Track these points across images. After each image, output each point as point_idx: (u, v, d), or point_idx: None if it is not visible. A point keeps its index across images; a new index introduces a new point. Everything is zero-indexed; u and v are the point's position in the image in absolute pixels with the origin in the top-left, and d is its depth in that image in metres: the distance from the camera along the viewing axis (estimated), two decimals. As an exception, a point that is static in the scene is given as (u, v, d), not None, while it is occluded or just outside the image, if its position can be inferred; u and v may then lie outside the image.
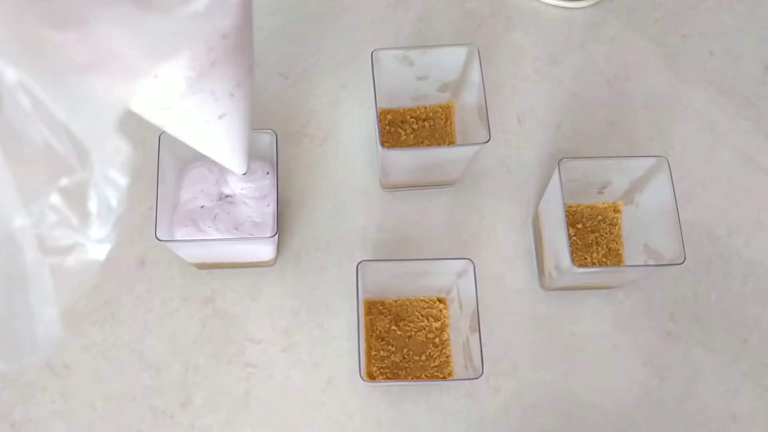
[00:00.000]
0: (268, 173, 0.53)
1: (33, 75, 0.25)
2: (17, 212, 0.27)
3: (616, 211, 0.60)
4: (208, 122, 0.40)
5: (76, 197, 0.28)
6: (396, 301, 0.57)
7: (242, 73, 0.39)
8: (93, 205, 0.28)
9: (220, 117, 0.40)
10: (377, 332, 0.56)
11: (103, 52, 0.26)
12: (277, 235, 0.51)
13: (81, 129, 0.26)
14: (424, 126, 0.62)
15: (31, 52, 0.25)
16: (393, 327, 0.56)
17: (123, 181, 0.28)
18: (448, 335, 0.56)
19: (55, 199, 0.27)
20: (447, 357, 0.56)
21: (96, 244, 0.29)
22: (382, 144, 0.57)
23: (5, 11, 0.25)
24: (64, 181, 0.27)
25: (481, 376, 0.48)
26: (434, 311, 0.57)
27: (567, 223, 0.52)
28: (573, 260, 0.51)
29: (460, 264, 0.52)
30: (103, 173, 0.27)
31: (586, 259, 0.59)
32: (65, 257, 0.28)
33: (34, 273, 0.28)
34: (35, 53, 0.25)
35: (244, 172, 0.49)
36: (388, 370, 0.55)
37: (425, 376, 0.55)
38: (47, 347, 0.29)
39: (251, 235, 0.52)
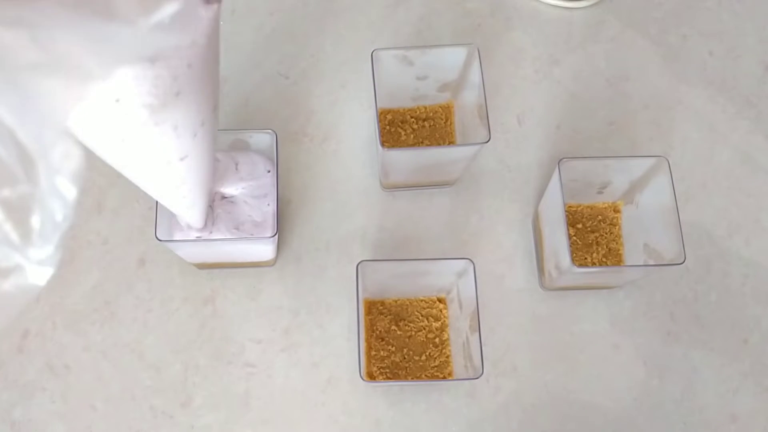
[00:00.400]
0: (269, 171, 0.53)
1: None
2: None
3: (616, 211, 0.60)
4: (169, 162, 0.39)
5: (19, 211, 0.26)
6: (396, 301, 0.57)
7: (207, 112, 0.38)
8: (36, 221, 0.26)
9: (182, 159, 0.39)
10: (377, 332, 0.56)
11: (57, 54, 0.25)
12: (277, 235, 0.51)
13: (29, 133, 0.25)
14: (424, 126, 0.62)
15: None
16: (393, 327, 0.56)
17: (71, 193, 0.26)
18: (448, 335, 0.56)
19: None
20: (447, 357, 0.56)
21: (37, 266, 0.27)
22: (382, 144, 0.57)
23: None
24: (6, 192, 0.26)
25: (481, 376, 0.48)
26: (434, 311, 0.57)
27: (567, 223, 0.52)
28: (573, 260, 0.51)
29: (460, 264, 0.52)
30: (49, 182, 0.26)
31: (586, 259, 0.59)
32: (2, 281, 0.27)
33: None
34: None
35: (201, 225, 0.49)
36: (388, 370, 0.55)
37: (425, 376, 0.55)
38: None
39: (251, 235, 0.52)
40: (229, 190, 0.53)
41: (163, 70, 0.32)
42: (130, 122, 0.34)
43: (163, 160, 0.39)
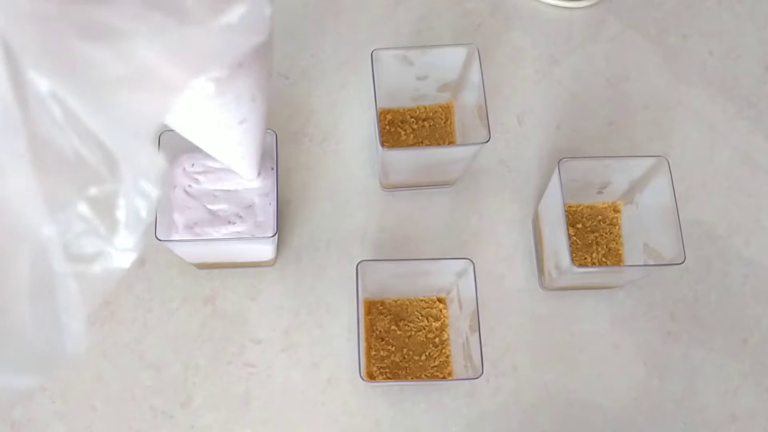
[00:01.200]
0: (272, 169, 0.53)
1: (67, 87, 0.25)
2: (44, 221, 0.27)
3: (616, 211, 0.60)
4: (228, 126, 0.40)
5: (105, 207, 0.28)
6: (396, 301, 0.57)
7: (264, 78, 0.39)
8: (121, 215, 0.28)
9: (240, 122, 0.40)
10: (377, 332, 0.56)
11: (137, 66, 0.26)
12: (277, 235, 0.51)
13: (114, 141, 0.26)
14: (424, 126, 0.62)
15: (66, 64, 0.25)
16: (393, 327, 0.56)
17: (154, 192, 0.28)
18: (448, 335, 0.56)
19: (83, 208, 0.27)
20: (447, 357, 0.56)
21: (121, 252, 0.29)
22: (382, 144, 0.57)
23: (41, 24, 0.25)
24: (93, 191, 0.27)
25: (481, 376, 0.48)
26: (434, 311, 0.57)
27: (567, 223, 0.52)
28: (573, 260, 0.51)
29: (460, 264, 0.52)
30: (134, 184, 0.27)
31: (586, 259, 0.59)
32: (90, 265, 0.28)
33: (61, 284, 0.28)
34: (70, 66, 0.25)
35: (254, 178, 0.50)
36: (388, 370, 0.55)
37: (425, 376, 0.55)
38: (74, 361, 0.29)
39: (251, 235, 0.52)
40: (231, 185, 0.53)
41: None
42: (197, 95, 0.35)
43: (223, 124, 0.40)
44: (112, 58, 0.26)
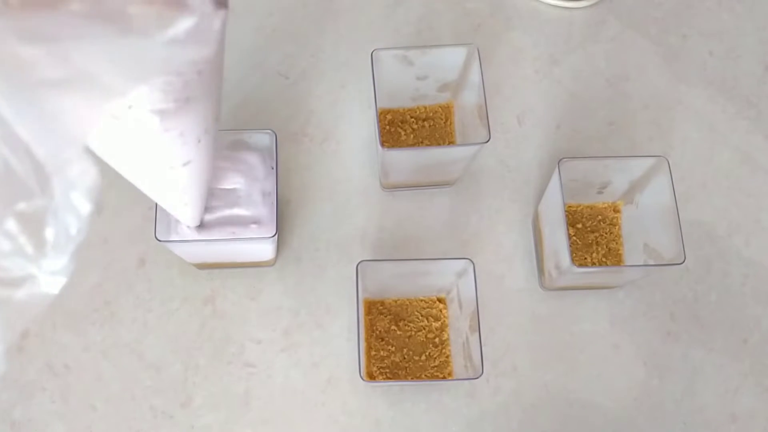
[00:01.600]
0: (272, 168, 0.53)
1: None
2: None
3: (616, 211, 0.60)
4: (172, 167, 0.39)
5: (33, 224, 0.26)
6: (396, 301, 0.57)
7: (211, 119, 0.38)
8: (50, 234, 0.26)
9: (185, 164, 0.39)
10: (377, 332, 0.56)
11: (75, 70, 0.25)
12: (277, 235, 0.51)
13: (45, 149, 0.25)
14: (424, 126, 0.62)
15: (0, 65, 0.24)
16: (393, 327, 0.56)
17: (85, 208, 0.26)
18: (448, 335, 0.56)
19: (11, 225, 0.26)
20: (447, 357, 0.56)
21: (50, 276, 0.27)
22: (382, 144, 0.57)
23: None
24: (22, 206, 0.26)
25: (481, 376, 0.48)
26: (434, 311, 0.57)
27: (567, 223, 0.52)
28: (573, 260, 0.51)
29: (460, 264, 0.52)
30: (64, 198, 0.26)
31: (586, 259, 0.59)
32: (15, 290, 0.27)
33: None
34: (3, 67, 0.24)
35: (197, 224, 0.49)
36: (388, 370, 0.55)
37: (425, 376, 0.55)
38: None
39: (251, 235, 0.52)
40: (229, 184, 0.52)
41: (173, 77, 0.32)
42: (141, 128, 0.35)
43: (166, 165, 0.39)
44: (49, 60, 0.25)
